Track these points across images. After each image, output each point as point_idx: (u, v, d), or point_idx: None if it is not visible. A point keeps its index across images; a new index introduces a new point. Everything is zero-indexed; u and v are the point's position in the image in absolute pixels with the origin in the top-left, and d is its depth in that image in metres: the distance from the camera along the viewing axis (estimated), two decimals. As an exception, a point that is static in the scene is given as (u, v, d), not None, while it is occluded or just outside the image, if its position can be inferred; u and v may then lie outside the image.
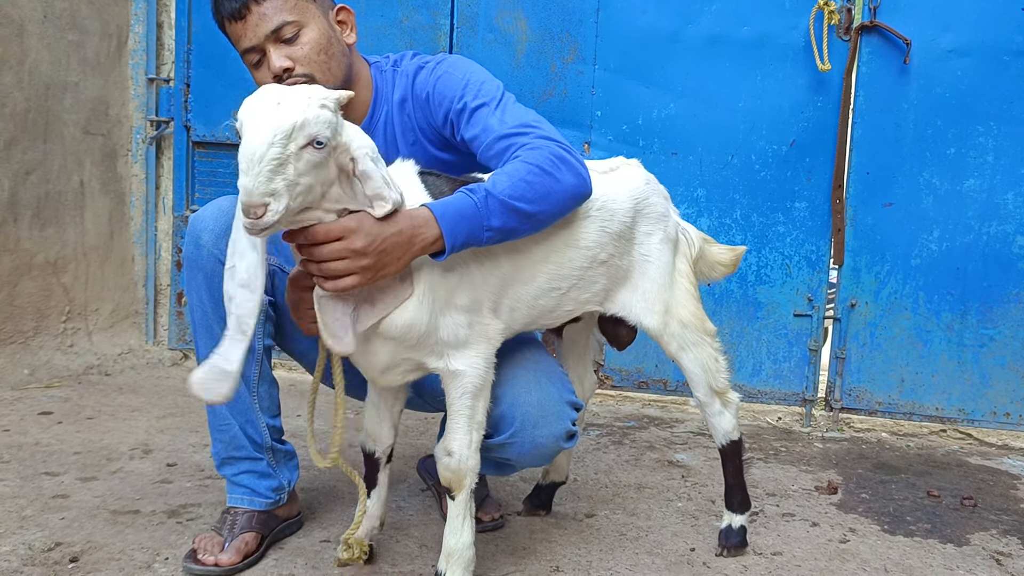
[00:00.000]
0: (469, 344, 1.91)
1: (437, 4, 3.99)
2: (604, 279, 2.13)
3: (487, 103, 2.05)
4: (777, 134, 3.73)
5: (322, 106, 1.59)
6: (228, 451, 2.28)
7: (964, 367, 3.65)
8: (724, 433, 2.34)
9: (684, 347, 2.24)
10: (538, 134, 1.98)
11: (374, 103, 2.21)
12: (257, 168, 1.52)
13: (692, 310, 2.24)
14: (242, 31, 2.02)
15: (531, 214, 1.88)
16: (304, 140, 1.56)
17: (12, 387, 3.63)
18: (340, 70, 2.10)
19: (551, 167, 1.91)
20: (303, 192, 1.59)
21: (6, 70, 3.59)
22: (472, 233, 1.82)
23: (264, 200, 1.53)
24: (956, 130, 3.58)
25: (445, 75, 2.13)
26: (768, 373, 3.84)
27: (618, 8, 3.82)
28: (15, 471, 2.76)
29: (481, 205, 1.82)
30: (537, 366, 2.16)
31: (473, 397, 1.93)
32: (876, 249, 3.69)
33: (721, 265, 2.44)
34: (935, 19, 3.55)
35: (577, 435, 2.18)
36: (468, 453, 1.95)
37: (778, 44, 3.69)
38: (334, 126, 1.61)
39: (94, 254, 4.15)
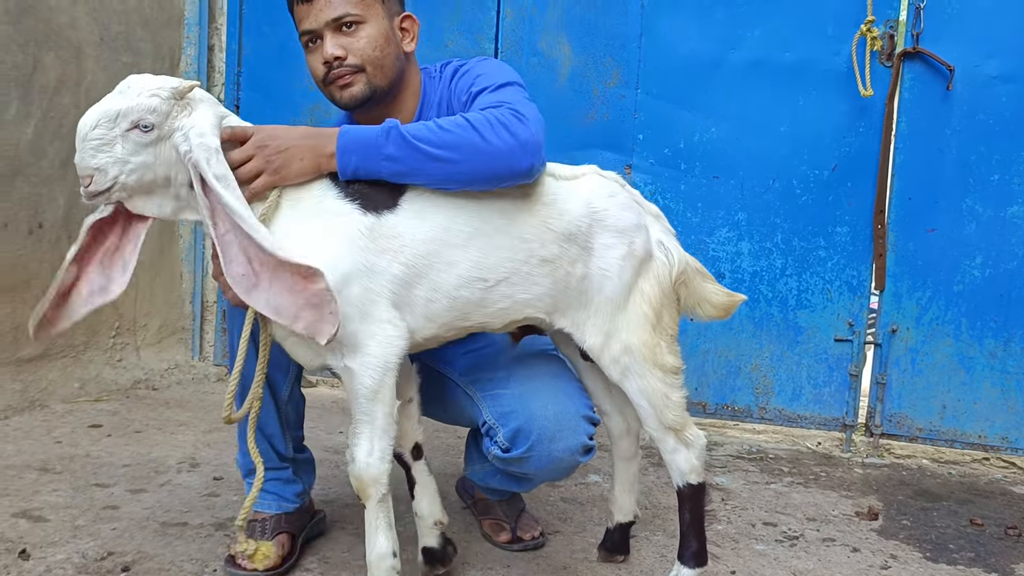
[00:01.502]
0: (361, 341, 1.84)
1: (482, 28, 4.05)
2: (548, 282, 1.98)
3: (486, 88, 2.09)
4: (819, 159, 3.74)
5: (152, 95, 1.77)
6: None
7: (1008, 395, 3.62)
8: (680, 473, 2.12)
9: (626, 375, 2.05)
10: (507, 106, 1.93)
11: (420, 108, 2.28)
12: (81, 145, 1.76)
13: (643, 337, 2.04)
14: (306, 13, 2.11)
15: (440, 158, 1.85)
16: (128, 124, 1.76)
17: (63, 400, 3.72)
18: (391, 71, 2.17)
19: (482, 125, 1.87)
20: (138, 169, 1.78)
21: (64, 91, 3.70)
22: (368, 158, 1.86)
23: (89, 172, 1.76)
24: (1000, 156, 3.57)
25: (467, 73, 2.20)
26: (808, 398, 3.84)
27: (661, 34, 3.86)
28: (67, 482, 2.83)
29: (382, 135, 1.87)
30: (554, 380, 2.18)
31: (368, 400, 1.86)
32: (918, 275, 3.68)
33: (710, 305, 2.20)
34: (979, 45, 3.55)
35: (594, 450, 2.18)
36: (369, 461, 1.88)
37: (820, 70, 3.71)
38: (162, 114, 1.77)
39: (144, 271, 4.24)
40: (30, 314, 1.93)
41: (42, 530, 2.43)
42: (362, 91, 2.14)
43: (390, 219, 1.87)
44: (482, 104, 2.01)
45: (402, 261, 1.86)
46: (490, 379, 2.24)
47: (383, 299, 1.85)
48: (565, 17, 3.96)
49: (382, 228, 1.86)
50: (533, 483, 2.31)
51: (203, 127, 1.79)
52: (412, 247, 1.87)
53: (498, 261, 1.94)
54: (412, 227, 1.88)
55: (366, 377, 1.85)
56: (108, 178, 1.77)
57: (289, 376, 2.33)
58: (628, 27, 3.89)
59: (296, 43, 4.28)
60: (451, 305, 1.92)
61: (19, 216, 3.52)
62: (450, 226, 1.90)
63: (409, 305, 1.89)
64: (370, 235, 1.85)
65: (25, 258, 3.55)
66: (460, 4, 4.05)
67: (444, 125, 1.88)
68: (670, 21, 3.85)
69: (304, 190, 1.89)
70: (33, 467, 2.94)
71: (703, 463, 2.13)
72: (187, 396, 4.08)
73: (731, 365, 3.86)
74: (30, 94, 3.53)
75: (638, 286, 2.05)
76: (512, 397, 2.15)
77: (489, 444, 2.18)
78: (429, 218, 1.90)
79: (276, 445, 2.37)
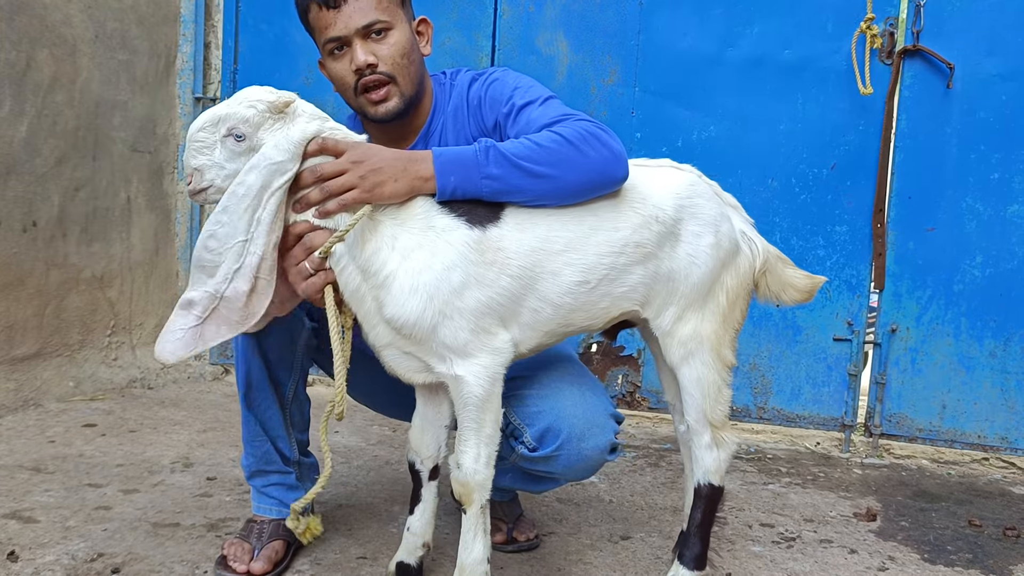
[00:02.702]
0: (471, 351, 1.87)
1: (479, 26, 4.03)
2: (640, 270, 1.99)
3: (533, 101, 2.08)
4: (818, 157, 3.72)
5: (249, 106, 1.82)
6: (259, 464, 2.34)
7: (1007, 395, 3.60)
8: (705, 471, 2.13)
9: (687, 358, 2.07)
10: (578, 118, 1.97)
11: (432, 113, 2.27)
12: (188, 145, 1.84)
13: (714, 327, 2.08)
14: (332, 19, 2.08)
15: (541, 175, 1.87)
16: (225, 131, 1.82)
17: (58, 399, 3.70)
18: (416, 76, 2.18)
19: (576, 139, 1.90)
20: (231, 176, 1.82)
21: (58, 89, 3.68)
22: (468, 179, 1.86)
23: (191, 171, 1.84)
24: (1000, 155, 3.54)
25: (496, 82, 2.18)
26: (807, 397, 3.82)
27: (659, 31, 3.84)
28: (59, 482, 2.81)
29: (481, 154, 1.87)
30: (579, 379, 2.18)
31: (478, 409, 1.90)
32: (917, 274, 3.66)
33: (794, 289, 2.22)
34: (979, 43, 3.52)
35: (619, 448, 2.18)
36: (477, 467, 1.93)
37: (819, 67, 3.69)
38: (254, 125, 1.82)
39: (139, 269, 4.22)
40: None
41: (32, 531, 2.41)
42: (396, 106, 2.14)
43: (495, 232, 1.89)
44: (540, 118, 2.01)
45: (509, 274, 1.88)
46: (511, 380, 2.21)
47: (492, 311, 1.88)
48: (563, 15, 3.94)
49: (488, 242, 1.88)
50: (557, 483, 2.28)
51: (282, 142, 1.81)
52: (517, 259, 1.89)
53: (597, 259, 1.95)
54: (515, 239, 1.90)
55: (476, 386, 1.88)
56: (205, 179, 1.84)
57: (294, 375, 2.31)
58: (626, 24, 3.87)
59: (292, 40, 4.29)
60: (555, 313, 1.95)
61: (13, 214, 3.50)
62: (549, 235, 1.92)
63: (516, 316, 1.92)
64: (478, 248, 1.86)
65: (19, 256, 3.53)
66: (458, 2, 4.03)
67: (540, 142, 1.90)
68: (668, 18, 3.83)
69: (406, 208, 1.90)
70: (25, 467, 2.92)
71: (728, 467, 2.15)
72: (182, 395, 4.06)
73: (729, 364, 3.83)
74: (23, 92, 3.51)
75: (721, 278, 2.08)
76: (538, 398, 2.14)
77: (515, 444, 2.15)
78: (530, 229, 1.92)
79: (281, 447, 2.34)
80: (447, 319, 1.84)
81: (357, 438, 3.49)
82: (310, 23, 2.14)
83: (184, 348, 1.81)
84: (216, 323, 1.82)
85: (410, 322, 1.84)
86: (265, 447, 2.32)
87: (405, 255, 1.84)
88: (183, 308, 1.82)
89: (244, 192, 1.80)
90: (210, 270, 1.82)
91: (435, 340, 1.86)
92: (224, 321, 1.81)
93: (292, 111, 1.86)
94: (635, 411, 3.97)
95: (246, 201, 1.79)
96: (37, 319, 3.63)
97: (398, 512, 2.70)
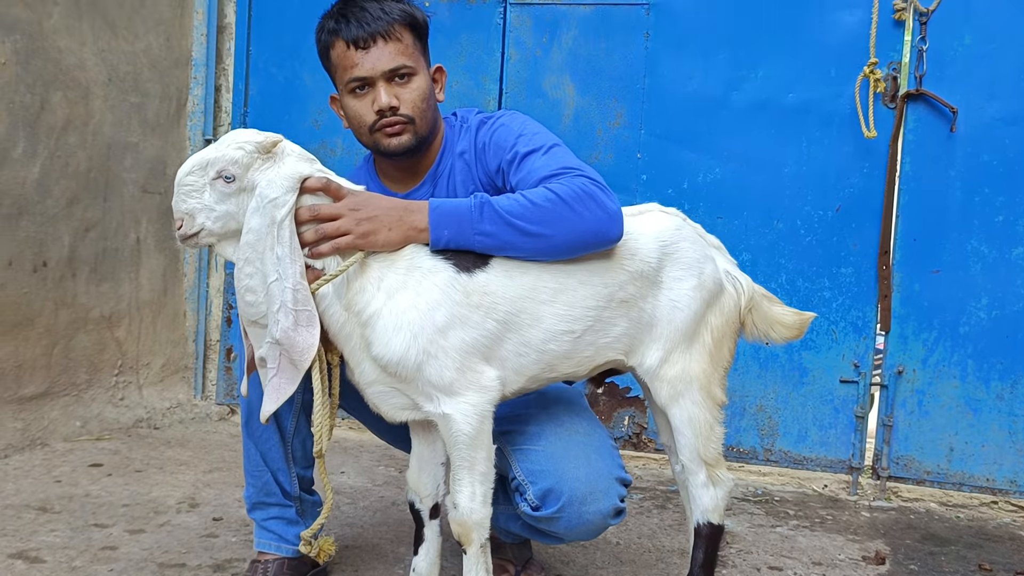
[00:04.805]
0: (458, 389, 1.89)
1: (487, 69, 4.08)
2: (625, 322, 2.03)
3: (536, 149, 2.11)
4: (823, 199, 3.74)
5: (237, 147, 1.86)
6: (260, 496, 2.35)
7: (1015, 437, 3.58)
8: (703, 510, 2.13)
9: (676, 398, 2.08)
10: (577, 173, 1.99)
11: (441, 154, 2.30)
12: (176, 190, 1.88)
13: (702, 365, 2.09)
14: (359, 60, 2.13)
15: (534, 234, 1.91)
16: (214, 173, 1.86)
17: (64, 439, 3.70)
18: (432, 120, 2.23)
19: (572, 198, 1.93)
20: (222, 217, 1.88)
21: (71, 131, 3.73)
22: (461, 233, 1.91)
23: (180, 216, 1.89)
24: (1004, 198, 3.56)
25: (502, 128, 2.21)
26: (814, 439, 3.80)
27: (665, 75, 3.88)
28: (66, 522, 2.81)
29: (475, 209, 1.92)
30: (587, 439, 2.17)
31: (468, 447, 1.91)
32: (923, 316, 3.66)
33: (782, 326, 2.23)
34: (981, 87, 3.56)
35: (624, 512, 2.17)
36: (472, 506, 1.94)
37: (824, 111, 3.72)
38: (243, 166, 1.86)
39: (147, 309, 4.24)
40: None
41: (39, 571, 2.40)
42: (410, 141, 2.19)
43: (481, 277, 1.93)
44: (541, 169, 2.04)
45: (495, 318, 1.92)
46: (520, 433, 2.22)
47: (477, 351, 1.91)
48: (569, 59, 3.99)
49: (474, 285, 1.92)
50: (561, 541, 2.28)
51: (275, 179, 1.85)
52: (504, 305, 1.93)
53: (583, 311, 1.99)
54: (502, 285, 1.94)
55: (465, 424, 1.90)
56: (196, 223, 1.89)
57: (294, 409, 2.30)
58: (632, 68, 3.91)
59: (302, 83, 4.35)
60: (539, 359, 1.98)
61: (24, 254, 3.53)
62: (537, 284, 1.96)
63: (499, 359, 1.95)
64: (464, 291, 1.90)
65: (29, 296, 3.55)
66: (465, 45, 4.08)
67: (534, 199, 1.93)
68: (674, 62, 3.87)
69: (395, 252, 1.95)
70: (32, 506, 2.92)
71: (726, 505, 2.15)
72: (188, 435, 4.06)
73: (736, 405, 3.83)
74: (37, 134, 3.56)
75: (706, 318, 2.10)
76: (543, 455, 2.14)
77: (519, 500, 2.15)
78: (518, 278, 1.96)
79: (281, 480, 2.34)
80: (432, 358, 1.87)
81: (363, 479, 3.49)
82: (332, 60, 2.19)
83: (272, 403, 1.88)
84: (288, 368, 1.87)
85: (395, 360, 1.87)
86: (265, 478, 2.33)
87: (390, 294, 1.89)
88: (260, 367, 1.91)
89: (256, 237, 1.83)
90: (261, 323, 1.88)
91: (421, 378, 1.89)
92: (291, 364, 1.87)
93: (280, 151, 1.90)
94: (641, 452, 3.96)
95: (261, 244, 1.83)
96: (45, 358, 3.65)
97: (404, 553, 2.69)
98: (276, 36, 4.30)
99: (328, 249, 1.88)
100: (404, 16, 2.17)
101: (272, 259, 1.82)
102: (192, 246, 1.94)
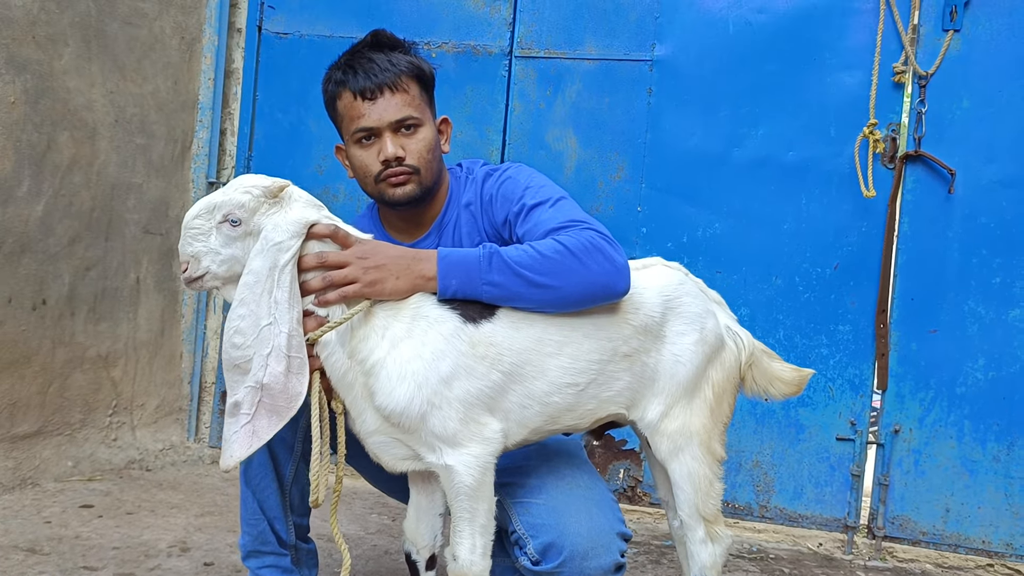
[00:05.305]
0: (461, 440, 1.88)
1: (490, 120, 4.12)
2: (627, 376, 2.04)
3: (544, 202, 2.12)
4: (821, 257, 3.77)
5: (244, 192, 1.87)
6: (255, 544, 2.32)
7: (1012, 500, 3.57)
8: (701, 567, 2.12)
9: (676, 452, 2.07)
10: (585, 226, 2.01)
11: (447, 205, 2.31)
12: (183, 233, 1.90)
13: (703, 421, 2.09)
14: (366, 111, 2.15)
15: (542, 285, 1.91)
16: (221, 217, 1.87)
17: (55, 479, 3.67)
18: (437, 170, 2.25)
19: (580, 251, 1.94)
20: (227, 261, 1.89)
21: (76, 171, 3.75)
22: (469, 283, 1.91)
23: (186, 259, 1.90)
24: (1001, 259, 3.59)
25: (509, 180, 2.23)
26: (809, 497, 3.79)
27: (667, 130, 3.93)
28: (55, 564, 2.77)
29: (484, 260, 1.92)
30: (589, 492, 2.15)
31: (470, 498, 1.90)
32: (920, 375, 3.67)
33: (782, 382, 2.24)
34: (980, 150, 3.61)
35: (625, 567, 2.15)
36: (473, 558, 1.92)
37: (823, 170, 3.76)
38: (249, 210, 1.86)
39: (144, 350, 4.23)
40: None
41: (26, 613, 2.37)
42: (414, 191, 2.20)
43: (487, 328, 1.93)
44: (549, 221, 2.05)
45: (500, 369, 1.92)
46: (521, 486, 2.20)
47: (482, 403, 1.90)
48: (572, 112, 4.03)
49: (480, 336, 1.92)
50: None
51: (281, 223, 1.86)
52: (509, 356, 1.93)
53: (587, 365, 1.99)
54: (508, 337, 1.94)
55: (467, 476, 1.89)
56: (201, 266, 1.90)
57: (294, 455, 2.28)
58: (634, 123, 3.96)
59: (307, 129, 4.39)
60: (543, 411, 1.98)
61: (24, 292, 3.53)
62: (543, 336, 1.96)
63: (503, 411, 1.94)
64: (470, 341, 1.90)
65: (27, 334, 3.55)
66: (470, 96, 4.13)
67: (542, 251, 1.94)
68: (676, 118, 3.92)
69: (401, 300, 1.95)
70: (20, 547, 2.89)
71: (724, 562, 2.14)
72: (181, 478, 4.03)
73: (732, 461, 3.82)
74: (42, 172, 3.58)
75: (707, 372, 2.10)
76: (544, 509, 2.12)
77: (518, 553, 2.13)
78: (524, 329, 1.96)
79: (277, 529, 2.31)
80: (436, 408, 1.86)
81: (356, 526, 3.46)
82: (338, 111, 2.21)
83: (242, 449, 1.83)
84: (266, 415, 1.83)
85: (398, 410, 1.86)
86: (261, 526, 2.30)
87: (394, 343, 1.88)
88: (231, 414, 1.85)
89: (255, 279, 1.83)
90: (243, 367, 1.84)
91: (424, 429, 1.88)
92: (272, 410, 1.83)
93: (287, 196, 1.91)
94: (636, 506, 3.93)
95: (259, 286, 1.83)
96: (40, 397, 3.63)
97: (397, 604, 2.66)
98: (283, 82, 4.34)
99: (335, 297, 1.88)
100: (411, 68, 2.19)
101: (269, 303, 1.81)
102: (197, 289, 1.94)
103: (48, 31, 3.58)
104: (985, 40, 3.62)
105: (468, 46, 4.12)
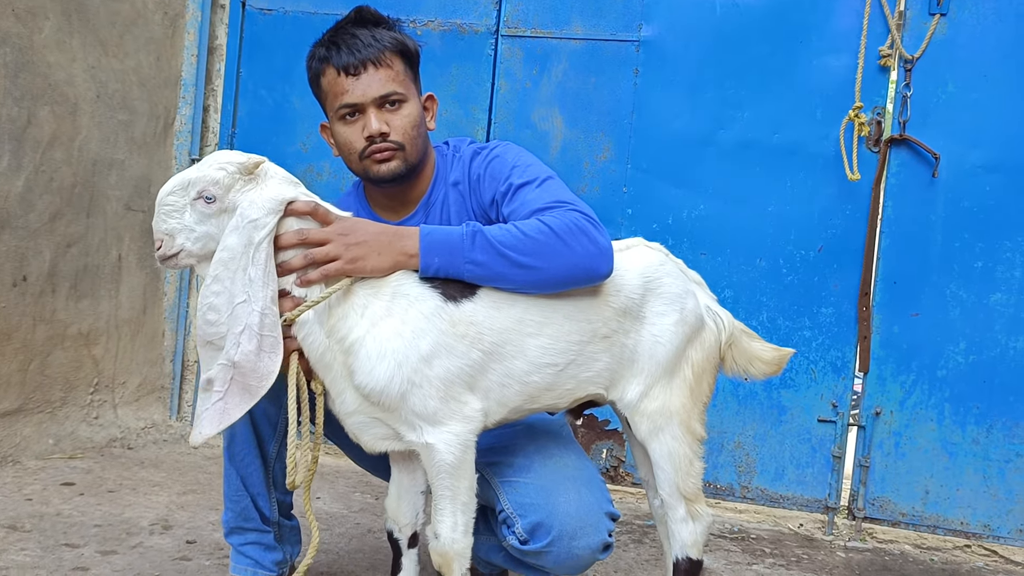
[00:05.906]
0: (441, 418, 1.88)
1: (476, 99, 4.10)
2: (607, 356, 2.04)
3: (531, 181, 2.11)
4: (805, 239, 3.78)
5: (219, 168, 1.85)
6: (238, 521, 2.33)
7: (990, 482, 3.61)
8: (682, 545, 2.14)
9: (656, 432, 2.08)
10: (570, 207, 2.00)
11: (433, 183, 2.30)
12: (157, 210, 1.88)
13: (682, 400, 2.09)
14: (350, 87, 2.13)
15: (525, 265, 1.91)
16: (195, 193, 1.85)
17: (37, 456, 3.65)
18: (422, 147, 2.23)
19: (564, 232, 1.93)
20: (202, 238, 1.87)
21: (57, 146, 3.71)
22: (452, 262, 1.91)
23: (160, 236, 1.88)
24: (984, 244, 3.61)
25: (496, 159, 2.22)
26: (791, 478, 3.81)
27: (653, 111, 3.92)
28: (36, 541, 2.76)
29: (467, 238, 1.91)
30: (577, 472, 2.16)
31: (451, 477, 1.91)
32: (902, 358, 3.69)
33: (761, 362, 2.25)
34: (964, 135, 3.62)
35: (612, 546, 2.16)
36: (455, 536, 1.93)
37: (808, 152, 3.77)
38: (224, 187, 1.85)
39: (126, 327, 4.20)
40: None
41: (7, 591, 2.37)
42: (399, 167, 2.18)
43: (468, 307, 1.92)
44: (535, 201, 2.04)
45: (480, 348, 1.91)
46: (508, 465, 2.20)
47: (462, 381, 1.90)
48: (558, 92, 4.01)
49: (461, 314, 1.91)
50: (547, 575, 2.26)
51: (257, 200, 1.84)
52: (489, 336, 1.92)
53: (567, 345, 1.99)
54: (488, 316, 1.93)
55: (448, 454, 1.89)
56: (176, 244, 1.88)
57: (278, 433, 2.28)
58: (621, 104, 3.95)
59: (291, 106, 4.35)
60: (522, 390, 1.98)
61: (3, 268, 3.50)
62: (524, 316, 1.96)
63: (483, 390, 1.94)
64: (450, 320, 1.90)
65: (7, 311, 3.51)
66: (455, 75, 4.10)
67: (526, 231, 1.93)
68: (662, 99, 3.91)
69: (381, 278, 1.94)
70: (2, 524, 2.87)
71: (705, 540, 2.15)
72: (162, 456, 4.01)
73: (714, 442, 3.83)
74: (23, 147, 3.54)
75: (686, 353, 2.11)
76: (532, 488, 2.12)
77: (506, 532, 2.13)
78: (504, 309, 1.95)
79: (260, 505, 2.32)
80: (416, 387, 1.86)
81: (339, 505, 3.46)
82: (322, 87, 2.19)
83: (211, 426, 1.82)
84: (237, 393, 1.82)
85: (378, 388, 1.85)
86: (244, 503, 2.30)
87: (374, 322, 1.87)
88: (204, 390, 1.84)
89: (229, 256, 1.81)
90: (217, 343, 1.82)
91: (404, 408, 1.87)
92: (243, 389, 1.82)
93: (262, 173, 1.89)
94: (619, 486, 3.95)
95: (234, 263, 1.81)
96: (20, 374, 3.60)
97: (380, 582, 2.67)
98: (267, 59, 4.31)
99: (316, 276, 1.87)
100: (395, 44, 2.17)
101: (243, 280, 1.80)
102: (171, 267, 1.94)
103: (28, 4, 3.53)
104: (971, 24, 3.62)
105: (454, 24, 4.09)
